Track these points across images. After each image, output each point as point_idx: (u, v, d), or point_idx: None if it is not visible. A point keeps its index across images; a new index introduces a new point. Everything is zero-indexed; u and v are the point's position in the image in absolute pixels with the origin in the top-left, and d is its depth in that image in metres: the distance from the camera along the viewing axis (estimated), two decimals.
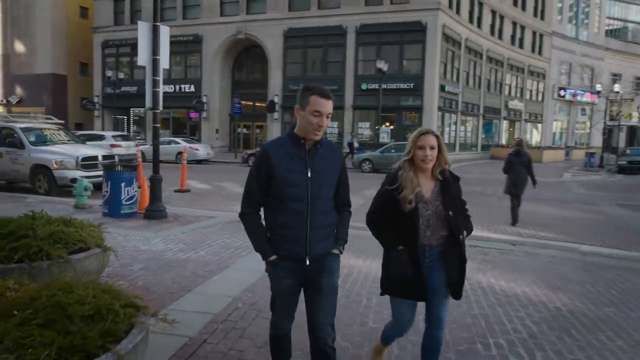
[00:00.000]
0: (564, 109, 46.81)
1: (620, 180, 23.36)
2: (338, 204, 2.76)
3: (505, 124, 40.17)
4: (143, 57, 8.51)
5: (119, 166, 9.40)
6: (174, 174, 14.45)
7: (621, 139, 48.97)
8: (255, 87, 34.40)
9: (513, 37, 39.39)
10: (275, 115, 32.48)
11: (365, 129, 31.28)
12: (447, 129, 32.51)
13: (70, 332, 2.31)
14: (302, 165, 2.57)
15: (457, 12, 31.57)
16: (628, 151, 31.79)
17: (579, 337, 3.97)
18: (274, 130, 32.71)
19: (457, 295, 2.88)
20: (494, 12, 36.58)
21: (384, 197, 2.88)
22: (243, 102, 31.86)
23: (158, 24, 8.51)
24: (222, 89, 35.18)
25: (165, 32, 8.70)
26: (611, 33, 62.41)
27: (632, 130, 51.26)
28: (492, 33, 36.66)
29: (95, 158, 12.14)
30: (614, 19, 67.77)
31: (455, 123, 33.50)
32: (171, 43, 9.22)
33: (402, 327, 3.03)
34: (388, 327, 3.18)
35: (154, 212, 8.70)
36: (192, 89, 34.56)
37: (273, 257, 2.63)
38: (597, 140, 43.34)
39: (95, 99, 37.37)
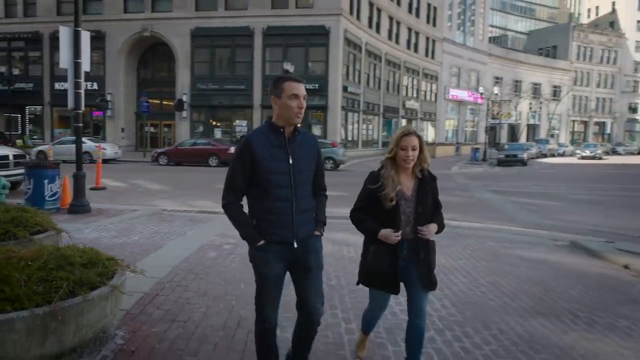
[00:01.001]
0: (454, 109, 51.34)
1: (498, 171, 26.85)
2: (315, 188, 2.89)
3: (403, 122, 43.31)
4: (64, 60, 9.04)
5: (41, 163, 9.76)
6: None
7: (504, 136, 54.95)
8: (163, 85, 34.22)
9: (409, 42, 42.67)
10: (184, 113, 32.64)
11: None
12: (350, 127, 34.69)
13: (75, 273, 3.27)
14: (283, 153, 2.68)
15: (358, 17, 33.79)
16: (506, 146, 36.20)
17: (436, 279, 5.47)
18: (182, 129, 32.82)
19: (428, 285, 2.97)
20: (391, 19, 39.44)
21: (367, 196, 3.01)
22: (150, 101, 31.58)
23: (79, 29, 9.04)
24: (127, 87, 34.50)
25: (86, 36, 9.26)
26: (494, 40, 69.27)
27: (512, 127, 57.65)
28: (390, 38, 39.52)
29: (6, 157, 12.14)
30: (496, 27, 75.13)
31: (358, 122, 35.79)
32: None
33: (376, 314, 3.27)
34: (366, 315, 3.33)
35: (79, 207, 9.23)
36: (95, 86, 33.46)
37: (261, 242, 2.69)
38: (484, 137, 48.20)
39: None
